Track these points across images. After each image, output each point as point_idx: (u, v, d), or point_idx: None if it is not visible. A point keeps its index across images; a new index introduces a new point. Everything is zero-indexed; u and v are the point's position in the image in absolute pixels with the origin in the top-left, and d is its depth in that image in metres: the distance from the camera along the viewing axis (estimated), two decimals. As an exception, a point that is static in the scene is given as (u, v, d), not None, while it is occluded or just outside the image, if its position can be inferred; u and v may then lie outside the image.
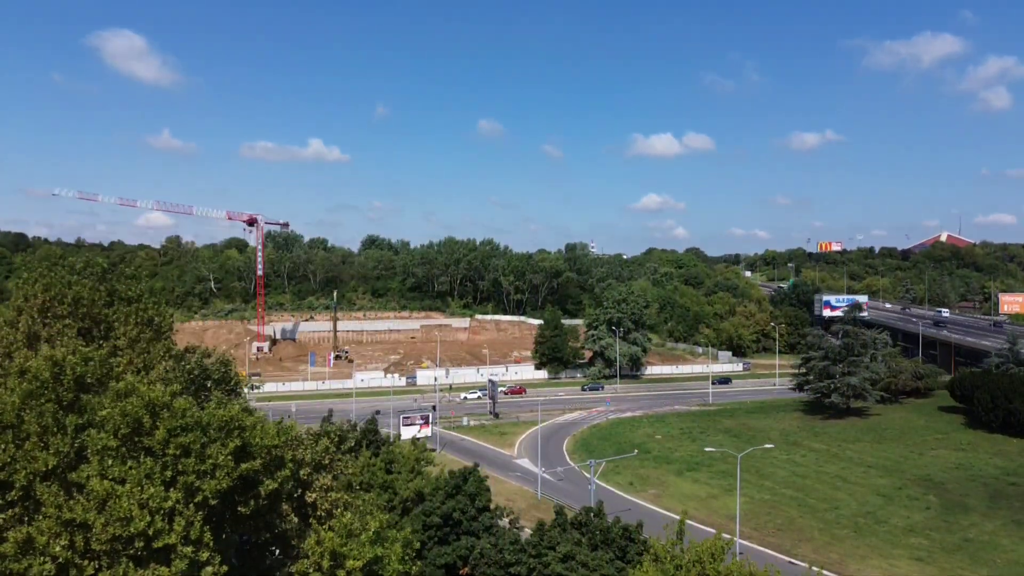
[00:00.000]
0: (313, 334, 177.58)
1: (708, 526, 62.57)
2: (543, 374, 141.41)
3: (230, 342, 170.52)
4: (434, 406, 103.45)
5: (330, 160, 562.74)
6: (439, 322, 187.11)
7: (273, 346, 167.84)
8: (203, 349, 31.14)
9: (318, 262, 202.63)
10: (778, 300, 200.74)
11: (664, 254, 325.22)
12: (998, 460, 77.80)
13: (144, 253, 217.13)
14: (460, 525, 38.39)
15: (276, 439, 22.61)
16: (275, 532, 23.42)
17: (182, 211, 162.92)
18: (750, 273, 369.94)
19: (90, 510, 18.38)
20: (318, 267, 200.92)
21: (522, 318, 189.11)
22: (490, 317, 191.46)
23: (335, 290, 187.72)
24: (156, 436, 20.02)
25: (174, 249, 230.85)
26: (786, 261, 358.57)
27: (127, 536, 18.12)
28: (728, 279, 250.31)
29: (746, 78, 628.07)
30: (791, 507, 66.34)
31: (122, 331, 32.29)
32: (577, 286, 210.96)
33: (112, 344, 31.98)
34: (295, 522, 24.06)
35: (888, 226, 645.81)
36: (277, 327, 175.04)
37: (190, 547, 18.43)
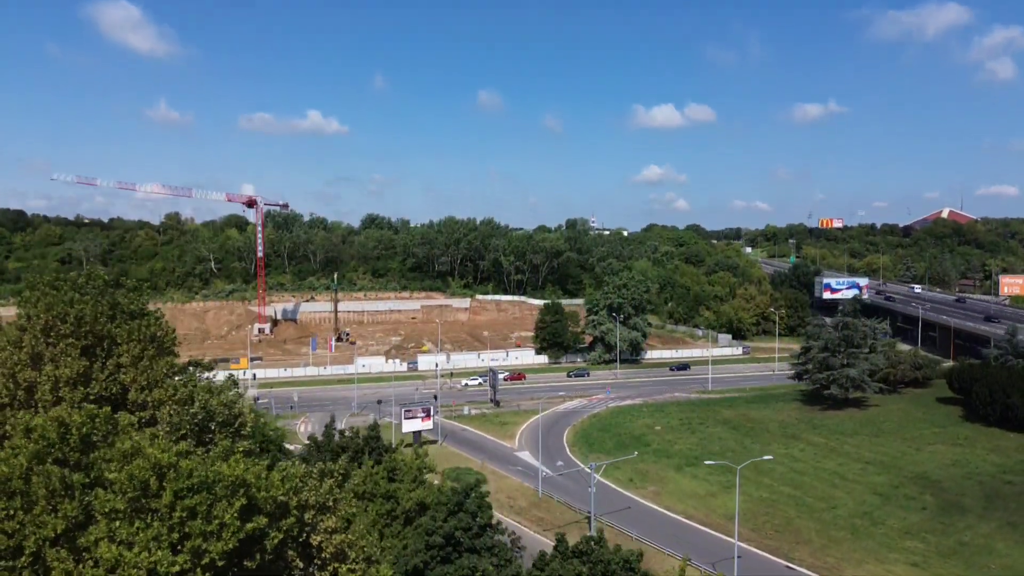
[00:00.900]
0: (314, 314, 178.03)
1: (707, 527, 63.55)
2: (544, 359, 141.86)
3: (231, 323, 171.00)
4: (435, 395, 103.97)
5: (329, 132, 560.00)
6: (440, 302, 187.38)
7: (274, 327, 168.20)
8: (206, 384, 31.06)
9: (318, 242, 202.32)
10: (778, 282, 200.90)
11: (665, 231, 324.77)
12: (995, 457, 78.41)
13: (144, 232, 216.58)
14: (462, 544, 38.85)
15: (281, 487, 22.81)
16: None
17: (181, 193, 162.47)
18: (750, 250, 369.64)
19: (99, 576, 18.61)
20: (318, 247, 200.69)
21: (523, 298, 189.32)
22: (491, 297, 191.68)
23: (336, 271, 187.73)
24: (163, 499, 20.22)
25: (174, 227, 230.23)
26: (787, 237, 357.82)
27: (136, 602, 18.36)
28: (729, 257, 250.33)
29: (748, 49, 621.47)
30: (789, 506, 67.08)
31: (125, 348, 32.48)
32: (578, 265, 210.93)
33: (116, 361, 32.28)
34: (300, 567, 24.35)
35: (890, 198, 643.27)
36: (278, 308, 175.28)
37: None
